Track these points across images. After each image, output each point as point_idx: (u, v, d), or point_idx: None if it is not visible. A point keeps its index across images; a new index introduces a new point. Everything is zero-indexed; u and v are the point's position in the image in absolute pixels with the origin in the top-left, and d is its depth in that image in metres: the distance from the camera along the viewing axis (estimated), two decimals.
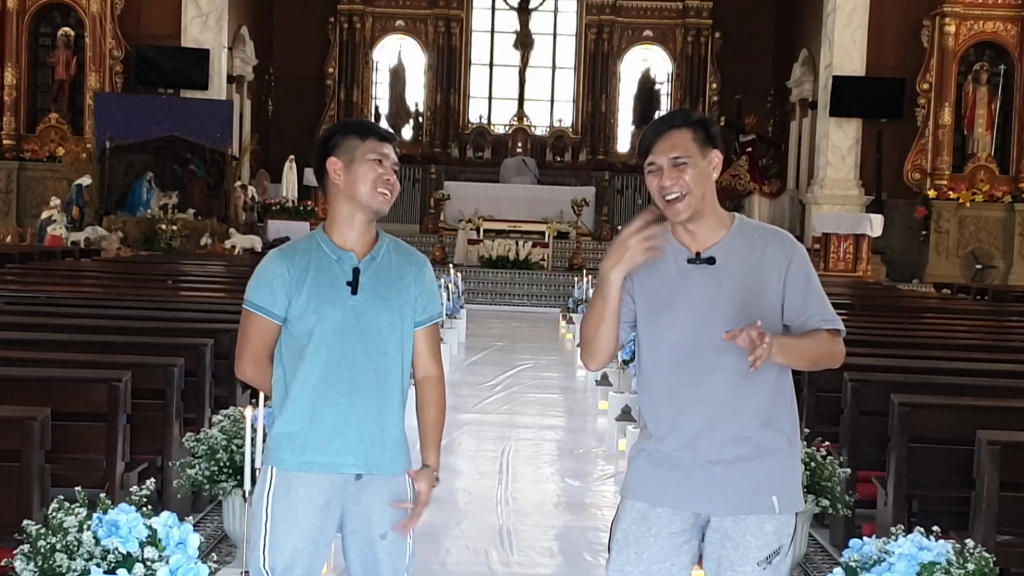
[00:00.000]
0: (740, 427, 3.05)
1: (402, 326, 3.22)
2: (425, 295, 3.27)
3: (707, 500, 3.07)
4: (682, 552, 3.11)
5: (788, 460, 3.10)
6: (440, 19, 26.28)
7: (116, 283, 11.51)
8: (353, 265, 3.18)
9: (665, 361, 3.09)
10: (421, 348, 3.29)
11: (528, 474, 7.54)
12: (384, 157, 3.20)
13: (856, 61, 20.42)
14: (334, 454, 3.15)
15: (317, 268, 3.18)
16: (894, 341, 8.36)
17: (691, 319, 3.05)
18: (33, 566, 3.42)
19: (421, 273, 3.28)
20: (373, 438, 3.17)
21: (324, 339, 3.14)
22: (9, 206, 20.38)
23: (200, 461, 5.13)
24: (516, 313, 18.10)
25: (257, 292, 3.20)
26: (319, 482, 3.16)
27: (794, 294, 3.06)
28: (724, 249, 3.07)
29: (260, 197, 21.24)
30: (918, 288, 18.58)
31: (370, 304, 3.17)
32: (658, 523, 3.10)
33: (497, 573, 5.48)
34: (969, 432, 4.81)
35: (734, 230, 3.10)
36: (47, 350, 6.20)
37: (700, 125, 3.08)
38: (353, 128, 3.26)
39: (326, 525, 3.18)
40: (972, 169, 20.40)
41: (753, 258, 3.06)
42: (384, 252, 3.23)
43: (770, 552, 3.06)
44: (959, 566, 3.61)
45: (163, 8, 20.61)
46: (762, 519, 3.06)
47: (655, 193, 3.08)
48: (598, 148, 26.35)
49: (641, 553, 3.10)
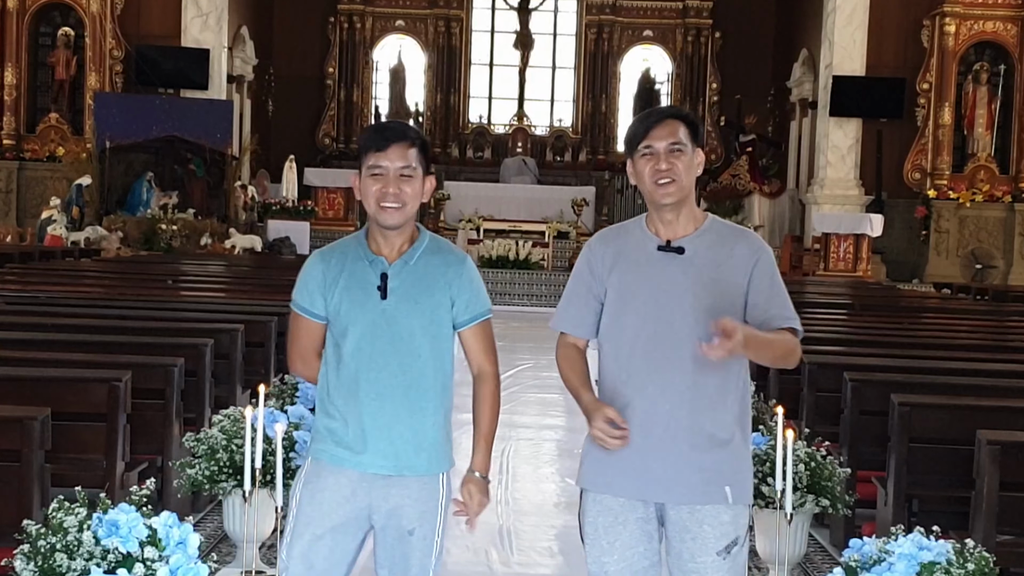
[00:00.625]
0: (695, 418, 3.12)
1: (436, 329, 3.22)
2: (466, 293, 3.25)
3: (663, 489, 3.14)
4: (653, 538, 3.19)
5: (740, 452, 3.19)
6: (440, 19, 26.28)
7: (116, 283, 11.51)
8: (383, 270, 3.19)
9: (626, 346, 3.17)
10: (471, 347, 3.33)
11: (528, 474, 7.54)
12: (383, 169, 3.17)
13: (856, 61, 20.41)
14: (365, 454, 3.18)
15: (351, 271, 3.21)
16: (894, 341, 8.36)
17: (655, 307, 3.13)
18: (33, 566, 3.42)
19: (459, 273, 3.25)
20: (405, 440, 3.19)
21: (355, 341, 3.17)
22: (9, 206, 20.37)
23: (200, 461, 5.13)
24: (516, 313, 18.08)
25: (298, 292, 3.28)
26: (349, 474, 3.19)
27: (758, 291, 3.14)
28: (694, 241, 3.17)
29: (260, 197, 21.23)
30: (918, 288, 18.57)
31: (400, 308, 3.17)
32: (623, 512, 3.18)
33: (497, 573, 5.48)
34: (969, 432, 4.81)
35: (706, 225, 3.21)
36: (47, 350, 6.20)
37: (692, 123, 3.21)
38: (365, 140, 3.25)
39: (352, 517, 3.19)
40: (972, 169, 20.40)
41: (722, 253, 3.15)
42: (420, 255, 3.22)
43: (728, 542, 3.14)
44: (959, 566, 3.61)
45: (163, 8, 20.61)
46: (718, 509, 3.13)
47: (646, 176, 3.17)
48: (598, 148, 26.35)
49: (613, 542, 3.18)
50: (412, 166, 3.18)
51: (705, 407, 3.12)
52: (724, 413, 3.15)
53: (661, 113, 3.24)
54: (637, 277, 3.18)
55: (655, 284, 3.15)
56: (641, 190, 3.22)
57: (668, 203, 3.15)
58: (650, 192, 3.17)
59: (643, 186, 3.19)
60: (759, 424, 6.05)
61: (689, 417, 3.11)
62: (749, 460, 3.24)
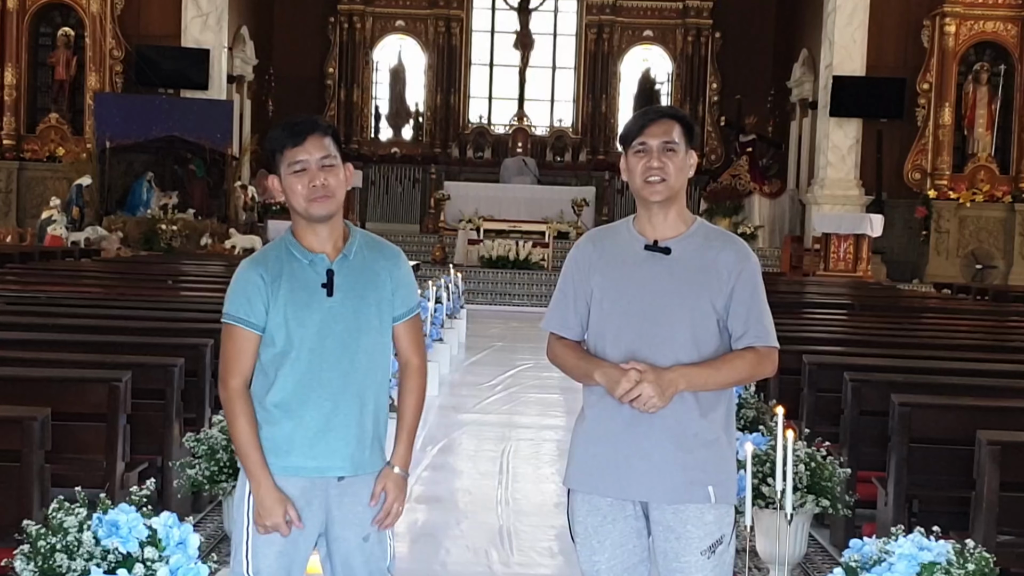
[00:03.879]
0: (678, 417, 3.13)
1: (380, 323, 3.18)
2: (402, 288, 3.22)
3: (646, 488, 3.16)
4: (642, 534, 3.22)
5: (724, 452, 3.20)
6: (440, 19, 26.27)
7: (116, 283, 11.51)
8: (326, 267, 3.14)
9: (610, 345, 3.18)
10: (402, 341, 3.26)
11: (528, 474, 7.54)
12: (304, 163, 3.12)
13: (856, 61, 20.41)
14: (320, 458, 3.12)
15: (291, 273, 3.13)
16: (894, 341, 8.36)
17: (639, 306, 3.14)
18: (33, 566, 3.41)
19: (395, 267, 3.22)
20: (357, 439, 3.15)
21: (304, 343, 3.10)
22: (9, 206, 20.37)
23: (200, 461, 5.13)
24: (516, 313, 18.08)
25: (234, 304, 3.16)
26: (301, 484, 3.13)
27: (739, 301, 3.15)
28: (681, 243, 3.18)
29: (260, 197, 21.23)
30: (918, 288, 18.57)
31: (347, 304, 3.13)
32: (611, 511, 3.20)
33: (497, 573, 5.48)
34: (969, 432, 4.81)
35: (694, 228, 3.22)
36: (47, 350, 6.20)
37: (687, 124, 3.23)
38: (275, 141, 3.17)
39: (308, 528, 3.15)
40: (972, 169, 20.39)
41: (708, 257, 3.16)
42: (356, 249, 3.18)
43: (713, 542, 3.15)
44: (959, 566, 3.61)
45: (163, 8, 20.61)
46: (701, 509, 3.15)
47: (637, 173, 3.19)
48: (598, 148, 26.33)
49: (603, 541, 3.21)
50: (331, 155, 3.14)
51: (691, 407, 3.14)
52: (710, 413, 3.16)
53: (658, 112, 3.27)
54: (623, 277, 3.19)
55: (641, 284, 3.16)
56: (631, 186, 3.24)
57: (655, 200, 3.17)
58: (639, 189, 3.19)
59: (633, 182, 3.21)
60: (759, 424, 6.06)
61: (674, 417, 3.12)
62: (733, 460, 3.25)
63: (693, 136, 3.24)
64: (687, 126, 3.21)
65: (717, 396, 3.18)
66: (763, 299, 3.19)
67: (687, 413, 3.13)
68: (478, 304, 18.13)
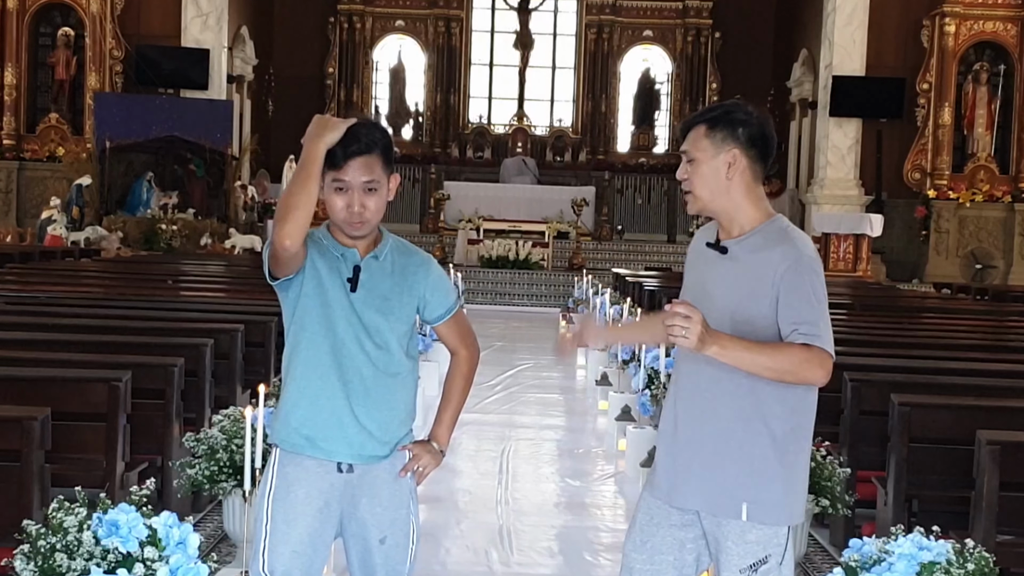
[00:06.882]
0: (719, 424, 3.02)
1: (402, 326, 3.21)
2: (437, 293, 3.26)
3: (681, 494, 3.09)
4: (686, 550, 3.12)
5: (770, 468, 3.00)
6: (440, 19, 26.28)
7: (116, 283, 11.51)
8: (355, 263, 3.17)
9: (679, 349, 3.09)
10: (448, 338, 3.35)
11: (528, 474, 7.54)
12: (346, 184, 3.10)
13: (856, 61, 20.42)
14: (331, 441, 3.15)
15: (323, 259, 3.17)
16: (894, 341, 8.36)
17: (698, 303, 3.00)
18: (33, 566, 3.42)
19: (427, 273, 3.25)
20: (369, 433, 3.16)
21: (322, 329, 3.13)
22: (9, 206, 20.38)
23: (200, 461, 5.13)
24: (516, 313, 18.09)
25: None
26: (318, 484, 3.16)
27: (785, 302, 2.99)
28: (741, 243, 3.07)
29: (260, 197, 21.24)
30: (918, 288, 18.58)
31: (369, 302, 3.15)
32: (660, 514, 3.14)
33: (497, 573, 5.48)
34: (969, 432, 4.81)
35: (759, 228, 3.06)
36: (47, 350, 6.20)
37: (718, 123, 3.04)
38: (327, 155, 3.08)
39: (325, 528, 3.18)
40: (972, 169, 20.41)
41: (759, 258, 3.03)
42: (387, 252, 3.21)
43: (754, 560, 3.02)
44: (959, 566, 3.61)
45: (163, 8, 20.62)
46: (743, 527, 3.02)
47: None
48: (598, 148, 26.35)
49: (645, 541, 3.15)
50: (376, 178, 3.10)
51: (733, 414, 2.99)
52: (756, 422, 2.99)
53: (692, 118, 3.13)
54: (696, 273, 3.19)
55: (704, 281, 3.13)
56: None
57: (690, 213, 3.16)
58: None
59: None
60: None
61: (714, 423, 3.01)
62: (783, 477, 3.01)
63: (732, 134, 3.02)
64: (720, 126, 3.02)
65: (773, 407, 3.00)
66: (813, 299, 2.98)
67: (732, 421, 3.00)
68: (478, 304, 18.14)
